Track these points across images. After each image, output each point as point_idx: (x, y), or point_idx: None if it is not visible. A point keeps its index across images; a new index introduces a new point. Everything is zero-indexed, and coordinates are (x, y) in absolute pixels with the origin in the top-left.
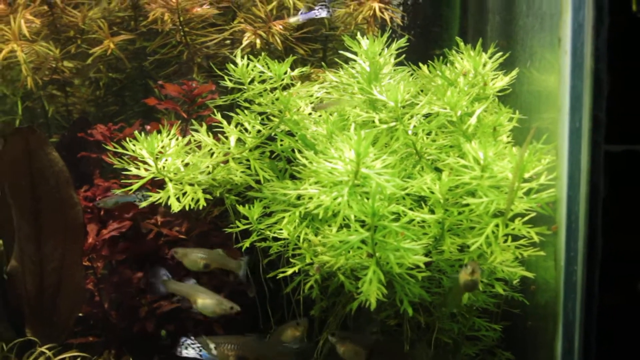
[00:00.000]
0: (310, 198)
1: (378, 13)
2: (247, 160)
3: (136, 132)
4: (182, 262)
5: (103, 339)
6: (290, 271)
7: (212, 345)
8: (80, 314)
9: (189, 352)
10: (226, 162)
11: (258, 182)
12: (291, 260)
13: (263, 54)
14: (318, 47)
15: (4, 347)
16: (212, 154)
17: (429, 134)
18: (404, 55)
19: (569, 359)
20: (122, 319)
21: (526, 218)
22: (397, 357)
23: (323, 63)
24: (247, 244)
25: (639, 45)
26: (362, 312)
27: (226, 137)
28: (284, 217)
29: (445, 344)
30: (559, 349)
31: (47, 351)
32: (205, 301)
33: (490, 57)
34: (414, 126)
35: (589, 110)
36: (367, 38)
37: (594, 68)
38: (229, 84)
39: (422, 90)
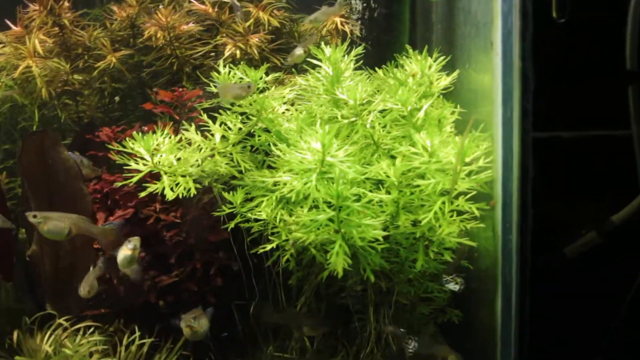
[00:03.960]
0: (285, 184)
1: (340, 26)
2: (231, 153)
3: (135, 133)
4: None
5: (113, 311)
6: (269, 247)
7: None
8: None
9: None
10: (213, 156)
11: (240, 172)
12: (270, 237)
13: (242, 63)
14: None
15: (27, 320)
16: (200, 150)
17: (384, 126)
18: (362, 61)
19: (507, 314)
20: (129, 293)
21: (468, 196)
22: None
23: (294, 69)
24: (232, 225)
25: (560, 46)
26: (333, 280)
27: (212, 135)
28: (262, 201)
29: (404, 305)
30: (499, 306)
31: (64, 322)
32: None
33: (435, 61)
34: (371, 120)
35: (518, 102)
36: (330, 47)
37: (521, 67)
38: (214, 89)
39: (378, 90)
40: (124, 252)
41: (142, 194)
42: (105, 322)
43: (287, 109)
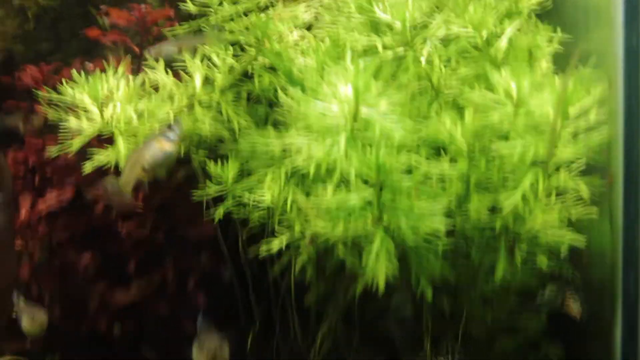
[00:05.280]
0: (298, 150)
1: None
2: (218, 104)
3: (75, 73)
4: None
5: (44, 342)
6: (276, 246)
7: None
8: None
9: None
10: (191, 107)
11: (232, 132)
12: (277, 233)
13: None
14: None
15: None
16: (172, 99)
17: (447, 62)
18: None
19: (630, 349)
20: (67, 316)
21: (573, 168)
22: None
23: None
24: (220, 212)
25: None
26: (369, 298)
27: (190, 76)
28: (266, 177)
29: (476, 338)
30: (618, 337)
31: None
32: None
33: None
34: (428, 53)
35: None
36: None
37: None
38: (192, 8)
39: (437, 7)
40: (163, 146)
41: (87, 167)
42: (31, 359)
43: (301, 37)
